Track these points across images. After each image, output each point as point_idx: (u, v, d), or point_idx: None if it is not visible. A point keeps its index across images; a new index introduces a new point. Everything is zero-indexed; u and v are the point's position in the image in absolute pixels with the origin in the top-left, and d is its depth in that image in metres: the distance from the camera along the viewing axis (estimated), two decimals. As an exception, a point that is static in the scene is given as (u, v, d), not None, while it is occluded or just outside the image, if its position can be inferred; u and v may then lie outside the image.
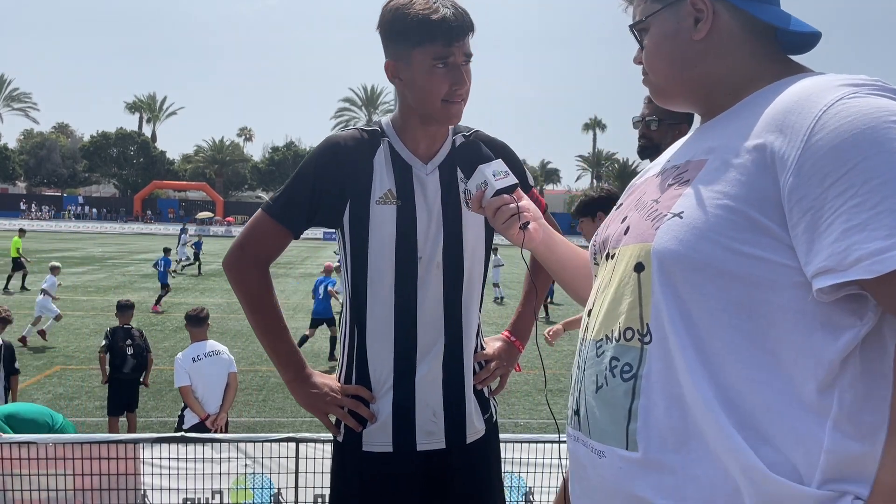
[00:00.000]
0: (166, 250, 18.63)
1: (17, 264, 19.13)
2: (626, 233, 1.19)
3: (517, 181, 1.48)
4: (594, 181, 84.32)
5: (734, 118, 1.13)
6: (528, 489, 3.93)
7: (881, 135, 0.94)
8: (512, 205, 1.44)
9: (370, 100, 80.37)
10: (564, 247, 1.54)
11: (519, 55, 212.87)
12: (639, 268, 1.13)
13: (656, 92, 1.28)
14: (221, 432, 5.60)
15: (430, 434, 1.86)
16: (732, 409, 1.02)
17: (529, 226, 1.45)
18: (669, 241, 1.07)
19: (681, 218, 1.08)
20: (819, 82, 1.05)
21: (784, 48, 1.20)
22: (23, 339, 11.63)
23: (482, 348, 2.02)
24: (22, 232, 21.09)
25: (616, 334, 1.16)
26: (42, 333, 12.20)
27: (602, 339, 1.19)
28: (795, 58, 1.22)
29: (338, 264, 11.53)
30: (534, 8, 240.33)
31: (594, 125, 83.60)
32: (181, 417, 5.95)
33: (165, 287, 17.11)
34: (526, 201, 1.49)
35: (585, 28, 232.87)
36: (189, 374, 5.82)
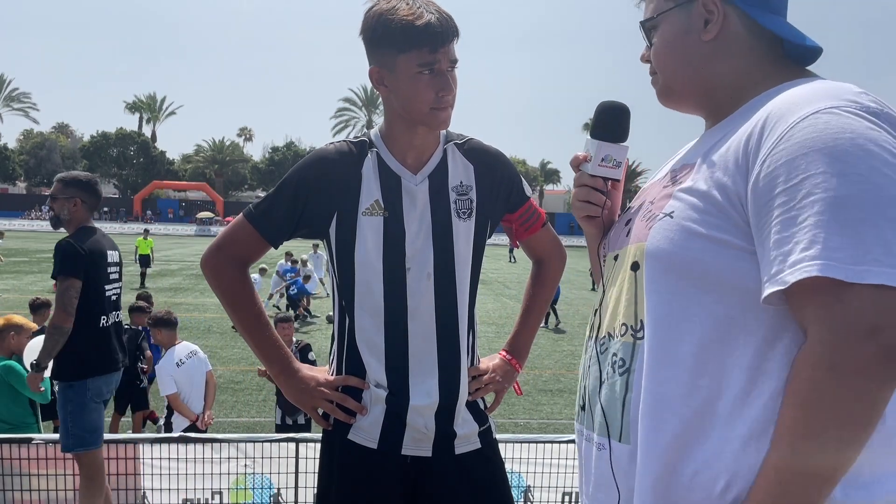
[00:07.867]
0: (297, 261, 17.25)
1: (145, 262, 21.51)
2: (628, 234, 1.24)
3: (619, 178, 1.38)
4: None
5: (732, 123, 1.16)
6: (527, 488, 3.94)
7: (838, 154, 0.97)
8: (594, 196, 1.37)
9: (370, 100, 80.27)
10: None
11: (518, 54, 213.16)
12: (635, 266, 1.19)
13: (663, 91, 1.30)
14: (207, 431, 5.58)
15: (418, 441, 1.84)
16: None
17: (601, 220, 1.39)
18: (660, 240, 1.13)
19: (671, 217, 1.13)
20: (808, 91, 1.08)
21: (790, 57, 1.23)
22: None
23: (478, 360, 1.98)
24: (146, 233, 23.48)
25: (616, 331, 1.23)
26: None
27: (605, 337, 1.26)
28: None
29: None
30: (534, 7, 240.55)
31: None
32: (168, 425, 5.82)
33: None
34: (617, 196, 1.41)
35: (586, 27, 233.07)
36: (175, 380, 5.75)
